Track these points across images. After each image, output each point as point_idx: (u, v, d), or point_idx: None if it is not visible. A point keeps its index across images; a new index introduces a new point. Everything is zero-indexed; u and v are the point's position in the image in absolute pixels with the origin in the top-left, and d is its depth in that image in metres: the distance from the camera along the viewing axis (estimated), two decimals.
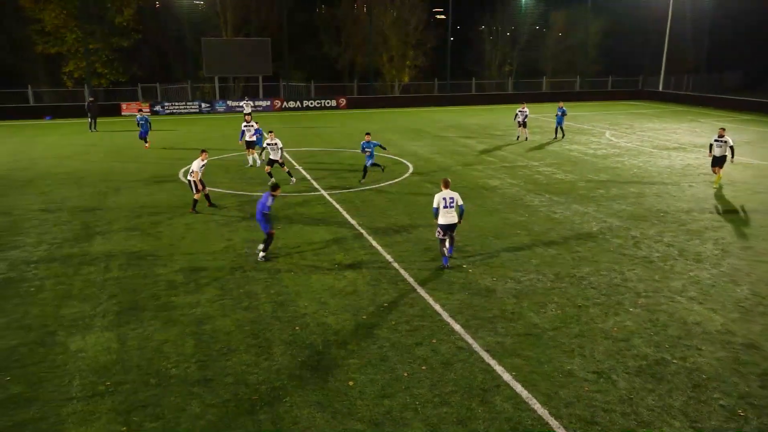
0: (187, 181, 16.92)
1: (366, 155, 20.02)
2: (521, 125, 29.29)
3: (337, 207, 17.07)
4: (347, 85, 50.43)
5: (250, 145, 22.77)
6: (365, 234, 14.59)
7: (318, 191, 18.97)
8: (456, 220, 11.99)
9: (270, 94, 46.44)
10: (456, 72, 53.40)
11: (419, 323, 9.91)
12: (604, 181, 20.48)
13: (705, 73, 54.72)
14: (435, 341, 9.30)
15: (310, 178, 20.93)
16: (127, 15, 44.65)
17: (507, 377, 8.29)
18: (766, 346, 9.17)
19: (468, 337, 9.41)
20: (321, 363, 8.68)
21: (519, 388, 8.03)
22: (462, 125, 36.20)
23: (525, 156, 25.41)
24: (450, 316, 10.18)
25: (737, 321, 10.01)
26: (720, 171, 19.41)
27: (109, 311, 10.42)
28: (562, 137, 29.89)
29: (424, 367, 8.55)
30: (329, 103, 46.56)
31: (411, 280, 11.73)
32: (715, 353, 8.95)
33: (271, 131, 20.13)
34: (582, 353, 8.95)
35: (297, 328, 9.77)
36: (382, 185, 19.78)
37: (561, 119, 29.58)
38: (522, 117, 29.09)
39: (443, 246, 12.37)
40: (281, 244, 13.89)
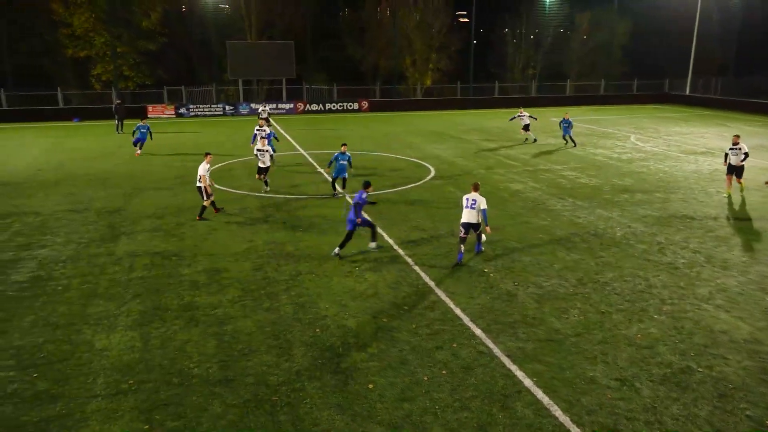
0: (197, 188, 16.24)
1: (335, 167, 18.07)
2: (526, 128, 29.97)
3: None
4: (370, 88, 50.54)
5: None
6: (386, 236, 14.59)
7: (339, 194, 19.02)
8: (475, 220, 12.62)
9: (293, 96, 46.78)
10: (479, 75, 53.22)
11: (440, 327, 9.87)
12: (628, 186, 20.20)
13: (734, 76, 53.66)
14: (455, 345, 9.26)
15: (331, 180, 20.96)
16: (154, 19, 45.41)
17: (528, 383, 8.21)
18: None
19: (489, 342, 9.35)
20: (341, 365, 8.70)
21: (540, 394, 7.95)
22: (484, 128, 36.02)
23: (548, 160, 25.20)
24: (471, 320, 10.12)
25: (765, 330, 9.79)
26: (741, 180, 18.76)
27: (133, 310, 10.58)
28: (573, 145, 28.51)
29: (444, 371, 8.51)
30: (351, 106, 46.71)
31: (432, 283, 11.70)
32: (742, 362, 8.76)
33: (264, 137, 19.76)
34: (605, 360, 8.83)
35: (317, 330, 9.80)
36: (403, 188, 19.78)
37: (568, 130, 28.34)
38: (526, 119, 29.81)
39: (461, 243, 12.84)
40: (303, 245, 13.97)
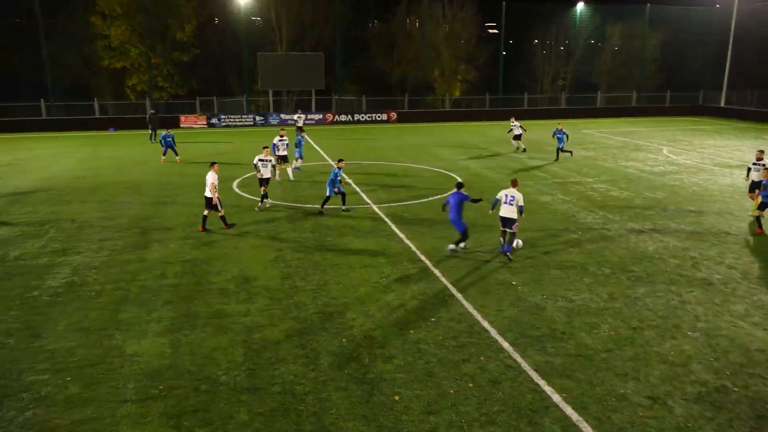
0: (209, 198, 15.80)
1: (331, 185, 17.58)
2: (517, 138, 30.61)
3: (387, 220, 17.12)
4: (398, 99, 50.70)
5: (283, 160, 23.08)
6: (413, 247, 14.57)
7: (367, 204, 19.08)
8: (513, 215, 13.43)
9: (322, 107, 47.22)
10: (508, 86, 52.97)
11: (467, 339, 9.79)
12: (661, 199, 19.84)
13: None
14: (483, 358, 9.17)
15: (359, 191, 21.09)
16: (188, 31, 46.38)
17: (556, 398, 8.08)
18: None
19: (516, 356, 9.24)
20: (367, 376, 8.68)
21: (569, 410, 7.81)
22: (510, 140, 35.75)
23: (579, 172, 24.91)
24: (498, 333, 10.02)
25: None
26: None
27: (164, 317, 10.73)
28: (556, 159, 27.79)
29: (471, 385, 8.43)
30: (380, 117, 46.93)
31: (459, 295, 11.63)
32: None
33: (266, 147, 18.75)
34: (636, 377, 8.64)
35: (344, 340, 9.81)
36: (432, 199, 19.75)
37: (562, 142, 27.46)
38: (518, 130, 30.51)
39: (502, 236, 13.83)
40: (330, 255, 14.03)
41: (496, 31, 57.96)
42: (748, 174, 18.51)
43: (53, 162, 27.79)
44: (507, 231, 13.65)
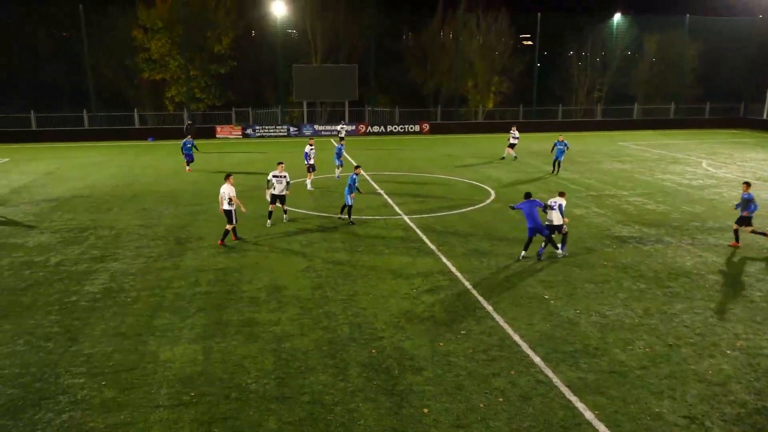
0: (228, 211, 15.63)
1: (348, 191, 17.63)
2: (511, 146, 31.81)
3: (418, 231, 17.09)
4: (431, 111, 50.74)
5: (312, 168, 23.41)
6: (444, 259, 14.51)
7: (399, 215, 19.09)
8: (560, 222, 14.53)
9: (355, 118, 47.55)
10: (542, 98, 52.53)
11: (497, 353, 9.68)
12: (699, 213, 19.35)
13: None
14: (513, 373, 9.05)
15: (391, 202, 21.12)
16: (225, 44, 47.34)
17: (589, 415, 7.92)
18: None
19: (548, 371, 9.09)
20: (396, 388, 8.65)
21: (602, 428, 7.64)
22: (546, 152, 35.34)
23: (614, 185, 24.49)
24: (530, 347, 9.89)
25: None
26: None
27: (197, 324, 10.90)
28: (554, 171, 27.21)
29: (501, 399, 8.33)
30: (413, 128, 47.01)
31: (490, 308, 11.52)
32: None
33: (281, 162, 17.81)
34: (672, 395, 8.41)
35: (373, 350, 9.80)
36: (463, 210, 19.65)
37: (561, 153, 26.81)
38: (513, 139, 31.79)
39: (549, 241, 14.65)
40: (361, 265, 14.07)
41: (530, 43, 57.60)
42: None
43: (93, 171, 28.60)
44: (551, 235, 14.69)
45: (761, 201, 21.11)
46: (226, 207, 15.67)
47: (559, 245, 14.83)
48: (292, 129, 45.33)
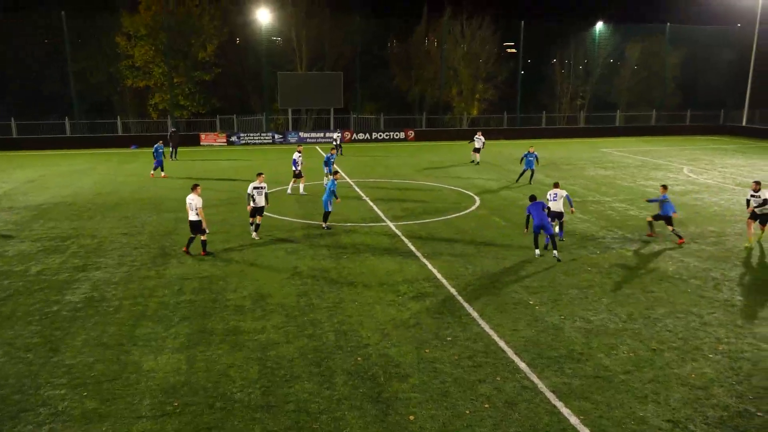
0: (194, 222, 15.25)
1: (329, 198, 17.79)
2: (476, 150, 32.91)
3: (403, 238, 17.11)
4: (416, 118, 50.94)
5: (300, 175, 23.64)
6: (430, 266, 14.52)
7: (384, 222, 19.10)
8: (560, 209, 16.34)
9: (340, 125, 47.59)
10: (527, 105, 52.98)
11: (483, 359, 9.70)
12: (681, 219, 19.56)
13: None
14: (499, 379, 9.06)
15: (376, 209, 21.12)
16: (210, 50, 47.18)
17: (574, 421, 7.95)
18: None
19: (533, 377, 9.12)
20: (382, 395, 8.62)
21: None
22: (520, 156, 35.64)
23: (597, 191, 24.72)
24: (515, 353, 9.91)
25: None
26: (764, 227, 16.32)
27: (180, 333, 10.79)
28: (529, 181, 26.63)
29: (487, 405, 8.33)
30: (397, 135, 47.14)
31: (475, 314, 11.54)
32: None
33: (261, 173, 17.24)
34: (656, 400, 8.47)
35: (359, 358, 9.77)
36: (448, 217, 19.71)
37: (532, 163, 26.49)
38: (479, 143, 32.91)
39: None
40: (346, 272, 14.04)
41: (514, 51, 58.09)
42: (748, 205, 16.60)
43: (76, 178, 28.29)
44: (555, 224, 16.31)
45: (741, 207, 21.43)
46: (192, 218, 15.16)
47: (557, 229, 16.55)
48: (277, 136, 45.25)
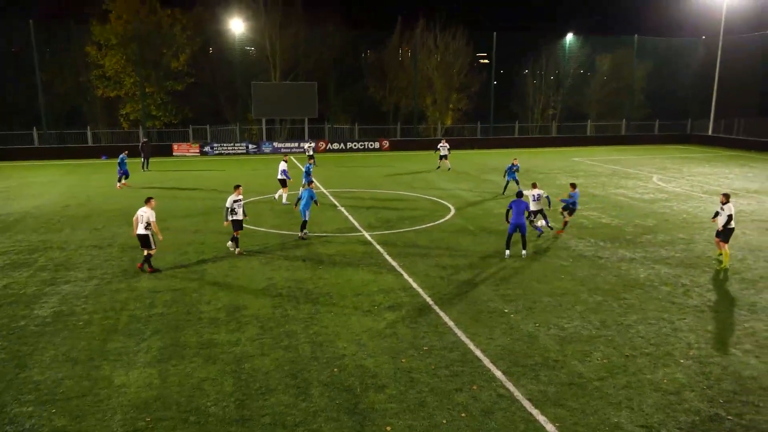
0: (143, 236, 14.73)
1: (307, 206, 17.77)
2: (443, 158, 34.15)
3: (378, 248, 17.10)
4: (391, 128, 51.13)
5: (284, 184, 23.81)
6: (405, 275, 14.53)
7: (360, 232, 19.07)
8: (539, 208, 18.08)
9: (315, 135, 47.50)
10: (500, 115, 53.59)
11: (459, 368, 9.72)
12: (651, 227, 19.95)
13: (758, 117, 53.20)
14: (475, 388, 9.08)
15: (352, 219, 21.09)
16: (182, 60, 46.76)
17: (550, 428, 8.00)
18: None
19: (509, 385, 9.16)
20: (358, 406, 8.57)
21: None
22: (504, 168, 36.01)
23: None
24: (491, 361, 9.95)
25: None
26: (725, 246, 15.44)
27: (153, 347, 10.60)
28: (503, 192, 26.64)
29: (463, 415, 8.34)
30: (372, 145, 47.25)
31: (452, 323, 11.57)
32: None
33: (239, 185, 16.66)
34: (630, 405, 8.58)
35: (335, 369, 9.71)
36: (424, 227, 19.77)
37: (514, 174, 26.47)
38: (444, 151, 34.18)
39: (533, 226, 17.78)
40: (322, 283, 13.96)
41: (487, 61, 58.77)
42: (715, 215, 15.82)
43: (44, 190, 27.69)
44: (534, 219, 17.99)
45: (709, 214, 21.95)
46: (141, 231, 14.63)
47: (542, 222, 18.39)
48: (251, 146, 44.97)
